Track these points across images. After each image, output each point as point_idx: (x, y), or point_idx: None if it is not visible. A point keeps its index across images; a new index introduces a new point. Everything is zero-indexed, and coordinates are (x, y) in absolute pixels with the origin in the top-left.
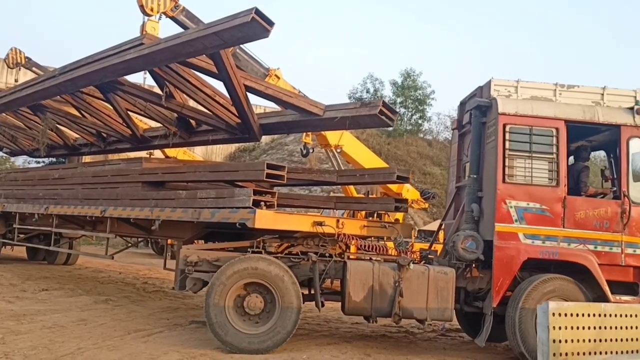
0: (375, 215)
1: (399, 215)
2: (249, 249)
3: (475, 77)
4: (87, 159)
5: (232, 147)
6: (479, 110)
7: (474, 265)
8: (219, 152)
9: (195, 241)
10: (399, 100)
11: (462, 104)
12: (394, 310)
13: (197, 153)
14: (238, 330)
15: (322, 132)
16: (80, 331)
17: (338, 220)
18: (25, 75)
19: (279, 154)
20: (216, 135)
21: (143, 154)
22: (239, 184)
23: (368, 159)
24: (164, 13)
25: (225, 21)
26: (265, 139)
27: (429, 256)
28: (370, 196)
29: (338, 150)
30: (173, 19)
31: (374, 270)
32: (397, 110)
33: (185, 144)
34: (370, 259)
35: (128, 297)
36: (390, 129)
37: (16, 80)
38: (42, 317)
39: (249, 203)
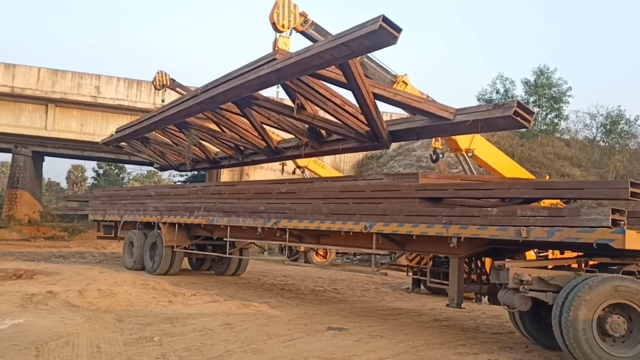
0: None
1: None
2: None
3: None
4: (225, 171)
5: (359, 155)
6: None
7: None
8: (347, 160)
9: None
10: (531, 99)
11: None
12: None
13: (326, 162)
14: (605, 351)
15: (452, 136)
16: (227, 334)
17: None
18: (170, 96)
19: (406, 160)
20: (346, 144)
21: (277, 164)
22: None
23: (502, 163)
24: (294, 28)
25: (353, 31)
26: (392, 145)
27: None
28: None
29: (469, 154)
30: (303, 33)
31: None
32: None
33: (316, 153)
34: None
35: (267, 303)
36: (524, 129)
37: (163, 101)
38: (192, 320)
39: (606, 222)
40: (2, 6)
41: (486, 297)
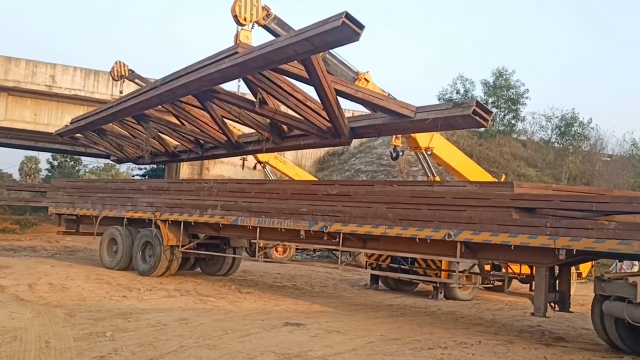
0: None
1: None
2: None
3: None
4: (184, 165)
5: (320, 152)
6: None
7: None
8: (308, 157)
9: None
10: (490, 100)
11: None
12: None
13: (288, 158)
14: None
15: (412, 135)
16: (182, 330)
17: None
18: (129, 87)
19: (367, 158)
20: (307, 139)
21: (237, 159)
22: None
23: (460, 162)
24: (257, 22)
25: (315, 27)
26: (353, 143)
27: None
28: None
29: (429, 153)
30: (265, 27)
31: None
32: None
33: (277, 148)
34: None
35: (225, 298)
36: (482, 130)
37: (121, 92)
38: (146, 315)
39: None
40: None
41: (555, 305)
